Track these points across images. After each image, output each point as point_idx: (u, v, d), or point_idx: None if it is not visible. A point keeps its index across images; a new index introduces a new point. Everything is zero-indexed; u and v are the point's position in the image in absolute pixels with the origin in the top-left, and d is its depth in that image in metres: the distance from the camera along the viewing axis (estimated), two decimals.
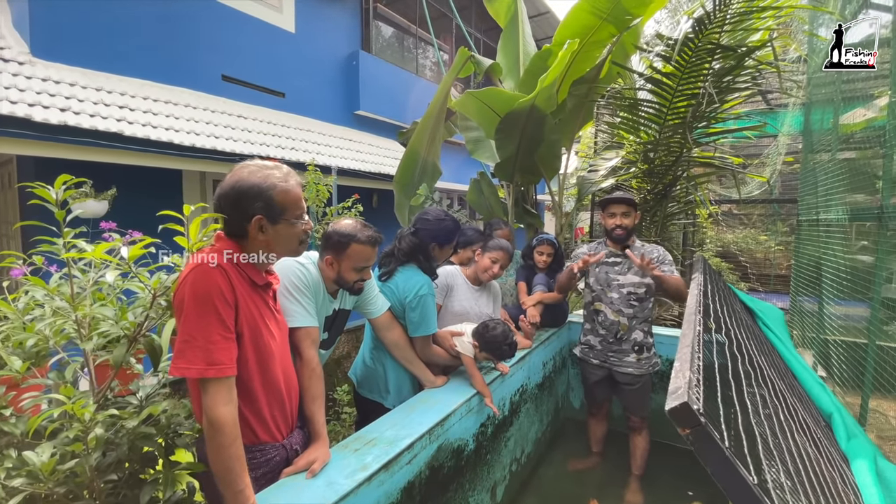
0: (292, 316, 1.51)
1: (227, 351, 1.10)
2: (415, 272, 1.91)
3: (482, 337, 1.96)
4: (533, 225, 4.11)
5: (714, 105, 3.21)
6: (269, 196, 1.16)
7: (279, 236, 1.22)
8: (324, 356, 1.79)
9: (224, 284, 1.11)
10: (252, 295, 1.21)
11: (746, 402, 1.14)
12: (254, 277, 1.22)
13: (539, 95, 3.00)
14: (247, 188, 1.16)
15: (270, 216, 1.18)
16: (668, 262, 2.46)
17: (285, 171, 1.23)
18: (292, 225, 1.22)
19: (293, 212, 1.22)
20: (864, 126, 3.44)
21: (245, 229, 1.18)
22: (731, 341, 1.53)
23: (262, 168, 1.20)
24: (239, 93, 5.57)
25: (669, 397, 0.79)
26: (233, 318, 1.13)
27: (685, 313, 1.21)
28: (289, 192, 1.20)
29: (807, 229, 4.07)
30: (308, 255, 1.67)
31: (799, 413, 1.63)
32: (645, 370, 2.49)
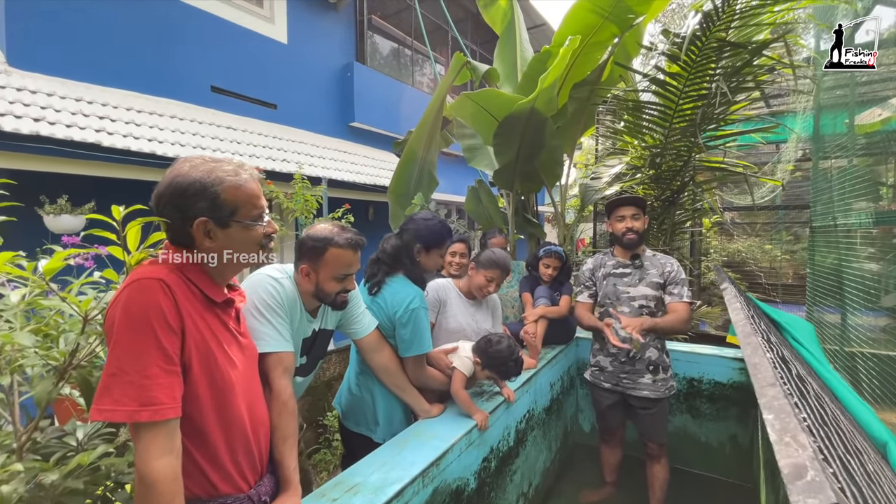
0: (262, 339, 1.29)
1: (168, 387, 0.88)
2: (404, 284, 1.69)
3: (485, 352, 1.73)
4: (535, 235, 3.91)
5: (723, 106, 3.04)
6: (214, 193, 0.96)
7: (232, 242, 1.01)
8: (302, 384, 1.56)
9: (166, 303, 0.90)
10: (206, 315, 1.00)
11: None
12: (209, 293, 1.01)
13: (539, 97, 2.83)
14: (186, 185, 0.95)
15: (218, 218, 0.97)
16: (680, 281, 2.23)
17: (236, 164, 1.03)
18: (247, 228, 1.02)
19: (247, 211, 1.01)
20: (878, 127, 3.28)
21: (189, 235, 0.97)
22: (776, 362, 1.30)
23: (206, 161, 1.00)
24: (229, 104, 5.43)
25: (793, 484, 0.54)
26: (177, 346, 0.91)
27: (740, 336, 0.99)
28: (240, 188, 0.99)
29: (822, 235, 3.88)
30: (283, 267, 1.46)
31: (858, 441, 1.40)
32: (662, 393, 2.25)
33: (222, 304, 1.05)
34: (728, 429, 2.59)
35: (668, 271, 2.25)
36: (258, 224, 1.04)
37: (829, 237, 3.53)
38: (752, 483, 2.47)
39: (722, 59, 2.94)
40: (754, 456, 2.43)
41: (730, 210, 6.54)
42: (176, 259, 0.98)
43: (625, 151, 4.00)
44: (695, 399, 2.67)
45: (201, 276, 1.01)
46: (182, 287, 0.94)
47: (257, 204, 1.04)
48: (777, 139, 5.90)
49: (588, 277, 2.52)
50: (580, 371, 3.00)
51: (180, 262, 0.98)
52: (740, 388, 2.55)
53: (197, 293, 0.98)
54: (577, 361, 3.00)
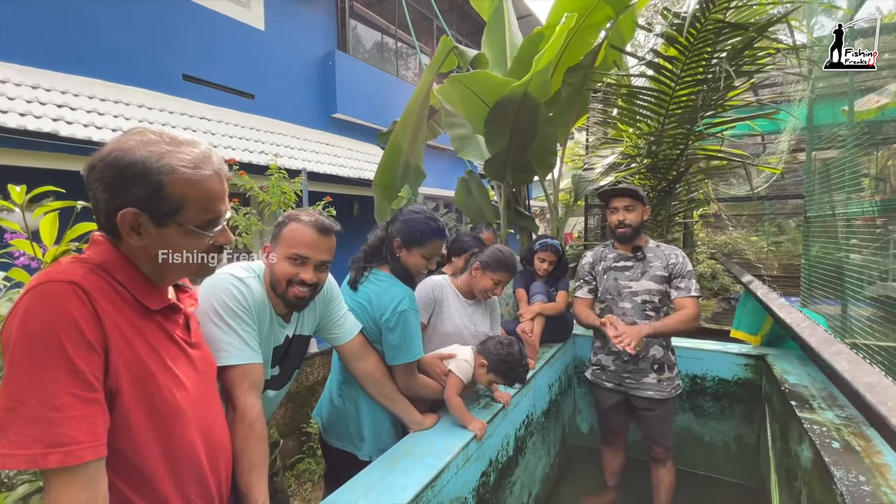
0: (224, 350, 1.10)
1: (86, 421, 0.68)
2: (391, 283, 1.51)
3: (495, 356, 1.57)
4: (527, 228, 3.76)
5: (723, 91, 2.92)
6: (157, 183, 0.76)
7: (166, 245, 0.81)
8: (274, 399, 1.37)
9: (81, 312, 0.70)
10: (141, 326, 0.80)
11: None
12: (144, 299, 0.81)
13: (533, 81, 2.66)
14: (126, 163, 0.75)
15: (154, 213, 0.77)
16: (687, 273, 2.07)
17: (202, 154, 0.82)
18: (190, 234, 0.81)
19: (195, 214, 0.81)
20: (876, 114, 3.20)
21: (113, 225, 0.77)
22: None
23: (163, 140, 0.79)
24: (202, 94, 5.14)
25: None
26: (99, 366, 0.71)
27: (816, 343, 0.82)
28: (194, 185, 0.79)
29: (818, 226, 3.81)
30: (249, 265, 1.27)
31: None
32: (667, 393, 2.11)
33: (164, 312, 0.85)
34: (733, 428, 2.48)
35: (672, 263, 2.10)
36: (205, 233, 0.83)
37: (828, 227, 3.46)
38: (757, 483, 2.36)
39: (720, 43, 2.81)
40: (761, 456, 2.33)
41: (723, 201, 6.50)
42: (101, 255, 0.78)
43: (618, 141, 3.87)
44: (698, 397, 2.55)
45: (134, 277, 0.81)
46: (106, 291, 0.75)
47: (212, 208, 0.83)
48: (766, 130, 5.85)
49: (587, 272, 2.37)
50: (577, 370, 2.87)
51: (107, 260, 0.78)
52: (746, 386, 2.43)
53: (128, 298, 0.79)
54: (574, 360, 2.86)
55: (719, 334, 3.93)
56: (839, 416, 1.61)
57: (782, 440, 1.87)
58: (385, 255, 1.53)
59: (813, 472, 1.42)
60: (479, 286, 1.82)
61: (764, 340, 2.54)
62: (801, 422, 1.58)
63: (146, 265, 0.82)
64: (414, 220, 1.52)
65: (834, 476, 1.22)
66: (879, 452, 1.33)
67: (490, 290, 1.82)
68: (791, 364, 2.20)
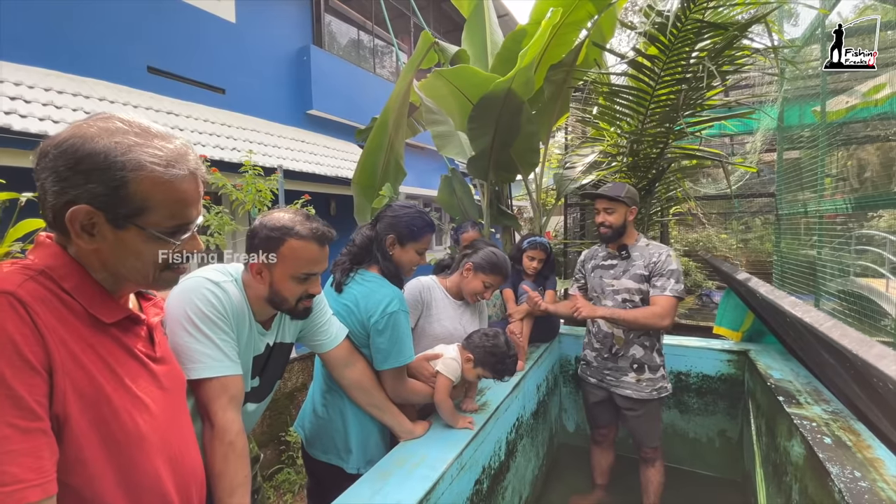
0: (199, 362, 1.00)
1: (30, 455, 0.58)
2: (379, 283, 1.43)
3: (481, 349, 1.51)
4: (510, 228, 3.73)
5: (702, 91, 2.96)
6: (119, 179, 0.65)
7: (123, 250, 0.71)
8: (255, 413, 1.27)
9: (19, 329, 0.59)
10: (95, 341, 0.69)
11: None
12: (96, 311, 0.70)
13: (517, 78, 2.62)
14: (84, 154, 0.64)
15: (112, 213, 0.67)
16: (666, 272, 2.02)
17: (177, 150, 0.72)
18: (152, 240, 0.71)
19: (160, 218, 0.71)
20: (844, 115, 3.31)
21: (62, 223, 0.67)
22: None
23: (131, 130, 0.68)
24: (169, 87, 4.89)
25: None
26: (42, 390, 0.61)
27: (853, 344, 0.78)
28: (163, 185, 0.69)
29: (790, 223, 3.94)
30: (226, 268, 1.17)
31: None
32: (646, 394, 2.09)
33: (122, 324, 0.75)
34: (717, 423, 2.51)
35: (653, 262, 2.08)
36: (170, 240, 0.73)
37: (798, 224, 3.57)
38: (741, 477, 2.39)
39: (699, 42, 2.84)
40: (744, 450, 2.36)
41: (699, 199, 6.66)
42: (46, 259, 0.68)
43: (599, 140, 3.89)
44: (683, 394, 2.57)
45: (85, 285, 0.70)
46: (50, 302, 0.64)
47: (182, 213, 0.73)
48: (737, 130, 6.03)
49: (579, 269, 2.37)
50: (563, 369, 2.85)
51: (53, 265, 0.68)
52: (729, 381, 2.47)
53: (78, 310, 0.68)
54: (560, 359, 2.84)
55: (697, 330, 4.00)
56: (826, 410, 1.63)
57: (769, 435, 1.89)
58: (375, 254, 1.45)
59: (806, 467, 1.43)
60: (468, 288, 1.76)
61: (745, 336, 2.59)
62: (791, 417, 1.59)
63: (99, 271, 0.72)
64: (407, 215, 1.45)
65: (830, 473, 1.22)
66: (870, 447, 1.34)
67: (480, 293, 1.76)
68: (773, 359, 2.24)
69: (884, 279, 4.13)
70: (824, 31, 3.03)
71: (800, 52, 3.41)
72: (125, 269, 0.72)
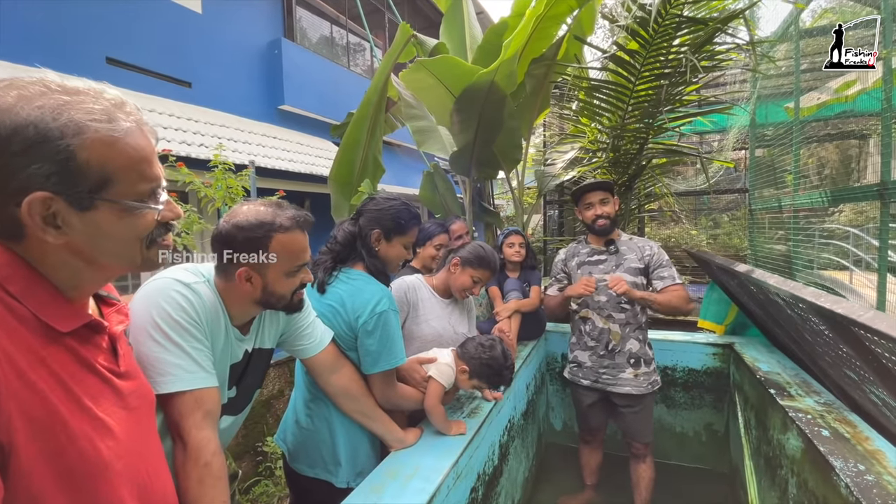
0: (170, 374, 0.89)
1: None
2: (366, 281, 1.33)
3: (477, 360, 1.43)
4: (492, 225, 3.67)
5: (682, 86, 2.98)
6: (63, 150, 0.54)
7: (98, 235, 0.60)
8: (232, 427, 1.15)
9: None
10: (47, 354, 0.57)
11: None
12: (49, 318, 0.59)
13: (500, 70, 2.55)
14: (9, 131, 0.52)
15: (71, 192, 0.56)
16: (666, 263, 2.07)
17: (110, 102, 0.60)
18: (128, 212, 0.61)
19: (130, 184, 0.61)
20: (815, 111, 3.41)
21: (15, 221, 0.55)
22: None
23: (51, 90, 0.56)
24: (130, 80, 4.60)
25: None
26: None
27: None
28: (118, 144, 0.58)
29: (762, 218, 4.04)
30: (197, 268, 1.04)
31: None
32: (644, 388, 2.08)
33: (79, 333, 0.63)
34: (703, 417, 2.52)
35: (647, 255, 2.08)
36: (151, 206, 0.63)
37: (774, 220, 3.66)
38: (728, 470, 2.40)
39: (678, 38, 2.86)
40: (731, 442, 2.37)
41: (675, 195, 6.80)
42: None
43: (579, 136, 3.89)
44: (669, 388, 2.57)
45: (35, 288, 0.58)
46: None
47: (147, 173, 0.63)
48: (709, 129, 6.19)
49: (560, 269, 2.32)
50: (550, 367, 2.82)
51: None
52: (714, 375, 2.48)
53: (27, 318, 0.56)
54: (546, 357, 2.80)
55: (678, 324, 4.05)
56: (819, 402, 1.63)
57: (759, 428, 1.89)
58: (359, 251, 1.35)
59: (804, 461, 1.41)
60: (456, 283, 1.68)
61: (728, 329, 2.61)
62: (785, 410, 1.58)
63: (60, 270, 0.60)
64: (392, 208, 1.36)
65: (834, 467, 1.20)
66: (869, 438, 1.34)
67: (468, 289, 1.68)
68: (759, 352, 2.25)
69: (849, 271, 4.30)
70: (798, 29, 3.10)
71: (773, 49, 3.50)
72: (106, 257, 0.62)
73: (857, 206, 5.90)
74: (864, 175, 4.73)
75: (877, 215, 2.52)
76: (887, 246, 2.29)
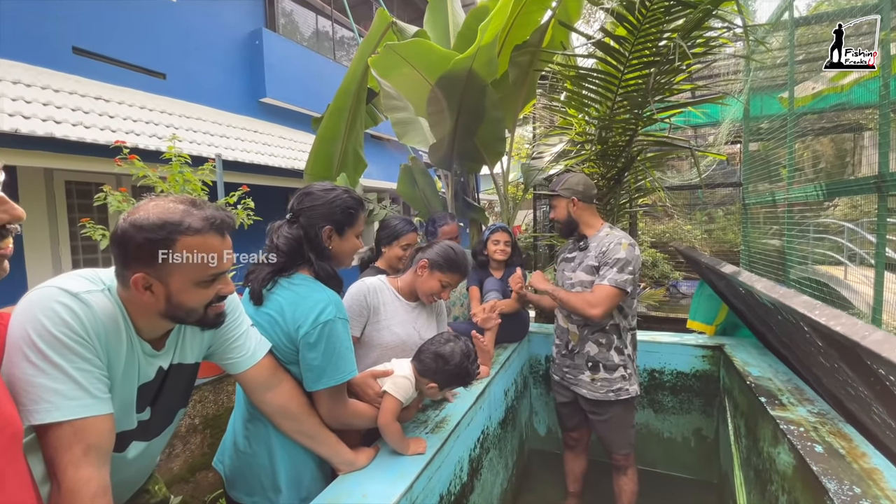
0: (42, 402, 0.75)
1: None
2: (310, 288, 1.18)
3: (442, 373, 1.31)
4: (477, 221, 3.53)
5: (669, 75, 2.84)
6: None
7: None
8: (147, 453, 1.01)
9: None
10: None
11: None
12: None
13: (478, 56, 2.41)
14: None
15: None
16: (610, 261, 1.82)
17: None
18: None
19: None
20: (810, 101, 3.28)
21: None
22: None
23: None
24: (98, 70, 4.41)
25: None
26: None
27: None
28: None
29: (756, 213, 3.92)
30: (93, 274, 0.89)
31: None
32: (601, 395, 1.92)
33: None
34: (692, 422, 2.40)
35: (601, 251, 1.91)
36: None
37: (768, 214, 3.54)
38: (718, 479, 2.29)
39: (668, 22, 2.71)
40: (720, 450, 2.25)
41: (675, 189, 6.68)
42: None
43: (567, 128, 3.74)
44: (657, 392, 2.45)
45: None
46: None
47: None
48: (701, 122, 6.05)
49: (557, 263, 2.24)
50: (533, 369, 2.69)
51: None
52: (704, 378, 2.36)
53: None
54: (529, 359, 2.67)
55: (668, 322, 3.94)
56: (812, 412, 1.51)
57: (749, 438, 1.76)
58: (307, 255, 1.20)
59: (796, 478, 1.29)
60: (423, 287, 1.54)
61: (718, 329, 2.48)
62: (776, 421, 1.45)
63: None
64: (339, 199, 1.21)
65: (828, 490, 1.07)
66: (865, 454, 1.21)
67: (436, 293, 1.55)
68: (749, 354, 2.13)
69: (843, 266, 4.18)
70: (792, 16, 2.96)
71: (768, 34, 3.36)
72: None
73: (852, 200, 5.80)
74: (858, 169, 4.61)
75: (872, 209, 2.41)
76: (885, 241, 2.17)
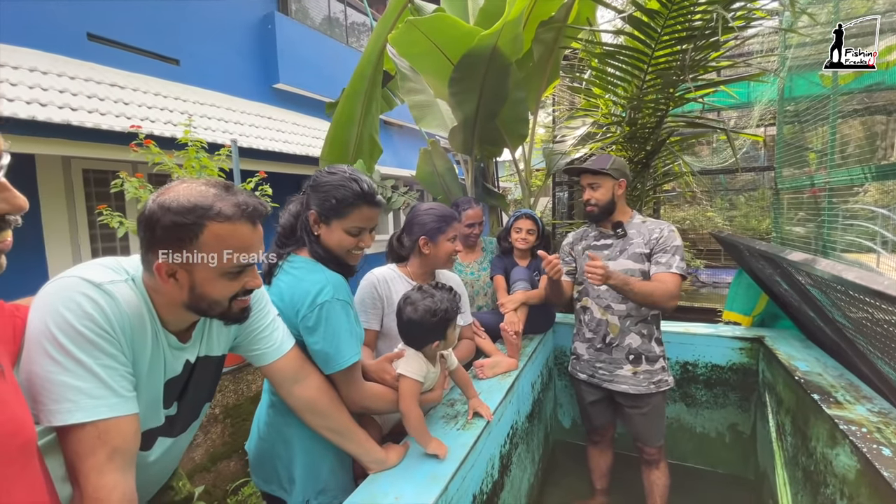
0: (65, 402, 0.70)
1: None
2: (309, 269, 1.10)
3: (429, 332, 1.18)
4: (497, 207, 3.43)
5: (704, 52, 2.68)
6: None
7: None
8: (169, 452, 0.96)
9: None
10: None
11: None
12: None
13: (504, 33, 2.28)
14: None
15: None
16: (670, 248, 1.76)
17: None
18: None
19: None
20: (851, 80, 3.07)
21: None
22: None
23: None
24: (113, 57, 4.37)
25: None
26: None
27: None
28: None
29: (790, 199, 3.73)
30: (117, 263, 0.83)
31: None
32: (644, 388, 1.84)
33: None
34: (727, 417, 2.30)
35: (654, 238, 1.81)
36: None
37: (800, 199, 3.36)
38: (755, 476, 2.20)
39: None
40: (758, 446, 2.15)
41: (701, 174, 6.45)
42: None
43: (591, 110, 3.59)
44: (689, 385, 2.35)
45: None
46: None
47: None
48: (733, 104, 5.80)
49: (567, 252, 2.09)
50: (558, 361, 2.61)
51: None
52: (741, 371, 2.25)
53: None
54: (554, 350, 2.59)
55: (699, 312, 3.80)
56: (872, 410, 1.40)
57: (796, 436, 1.66)
58: (301, 235, 1.13)
59: (860, 483, 1.19)
60: (440, 256, 1.51)
61: (756, 320, 2.37)
62: (834, 420, 1.35)
63: None
64: (329, 184, 1.10)
65: None
66: None
67: (454, 252, 1.53)
68: (793, 347, 2.01)
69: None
70: None
71: (809, 8, 3.14)
72: None
73: (883, 185, 5.53)
74: (890, 152, 4.36)
75: None
76: None
